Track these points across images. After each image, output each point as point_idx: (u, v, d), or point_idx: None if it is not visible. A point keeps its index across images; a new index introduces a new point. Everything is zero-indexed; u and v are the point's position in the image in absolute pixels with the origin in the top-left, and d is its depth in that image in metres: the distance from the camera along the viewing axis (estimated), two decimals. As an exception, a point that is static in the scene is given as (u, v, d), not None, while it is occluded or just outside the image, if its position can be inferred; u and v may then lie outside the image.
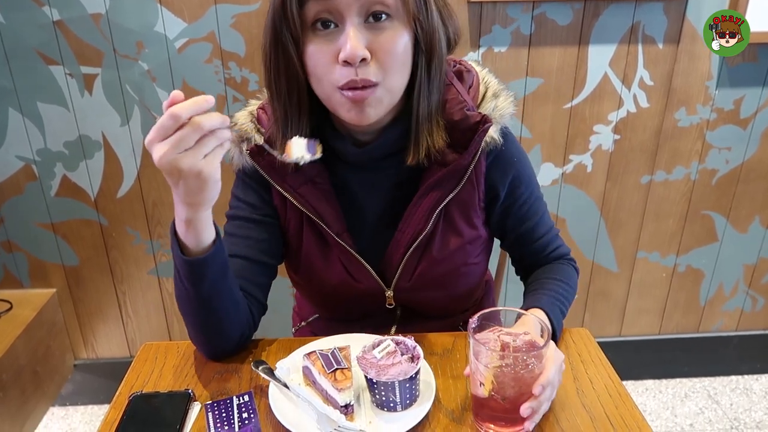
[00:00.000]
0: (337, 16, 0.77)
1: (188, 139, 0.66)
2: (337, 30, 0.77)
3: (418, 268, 0.94)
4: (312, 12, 0.77)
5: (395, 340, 0.80)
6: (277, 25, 0.79)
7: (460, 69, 0.92)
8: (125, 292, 1.87)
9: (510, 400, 0.73)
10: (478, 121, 0.85)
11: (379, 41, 0.78)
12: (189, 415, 0.79)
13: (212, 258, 0.79)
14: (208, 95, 0.68)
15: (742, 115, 1.74)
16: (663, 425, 1.90)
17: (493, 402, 0.73)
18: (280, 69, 0.82)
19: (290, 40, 0.79)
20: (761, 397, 2.01)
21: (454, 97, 0.87)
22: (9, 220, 1.75)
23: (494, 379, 0.72)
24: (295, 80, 0.82)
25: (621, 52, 1.64)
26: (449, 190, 0.89)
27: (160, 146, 0.67)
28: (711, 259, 1.94)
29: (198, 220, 0.76)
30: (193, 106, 0.66)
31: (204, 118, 0.67)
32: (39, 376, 1.76)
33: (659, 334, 2.05)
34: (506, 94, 0.92)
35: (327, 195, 0.91)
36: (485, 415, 0.76)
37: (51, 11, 1.51)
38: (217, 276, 0.81)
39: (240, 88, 1.62)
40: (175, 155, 0.67)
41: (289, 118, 0.85)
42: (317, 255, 0.96)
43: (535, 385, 0.72)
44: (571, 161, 1.77)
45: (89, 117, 1.63)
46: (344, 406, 0.76)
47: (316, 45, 0.78)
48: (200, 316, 0.85)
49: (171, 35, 1.55)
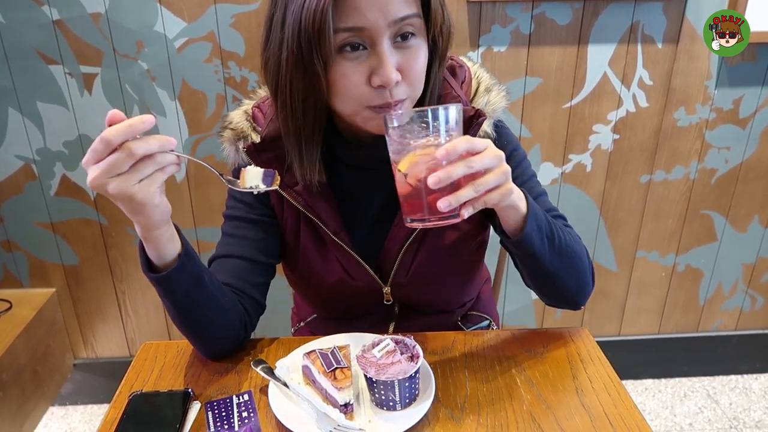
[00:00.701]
0: (367, 41, 0.76)
1: (120, 164, 0.63)
2: (366, 52, 0.76)
3: (415, 263, 0.95)
4: (341, 37, 0.75)
5: (395, 339, 0.81)
6: (304, 51, 0.75)
7: (453, 64, 0.93)
8: (125, 291, 1.87)
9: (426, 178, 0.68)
10: (472, 116, 0.86)
11: (408, 60, 0.78)
12: (189, 414, 0.79)
13: (176, 273, 0.78)
14: (146, 115, 0.64)
15: (742, 114, 1.74)
16: (662, 425, 1.90)
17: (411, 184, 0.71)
18: (299, 91, 0.79)
19: (320, 64, 0.76)
20: (760, 397, 2.01)
21: (448, 92, 0.88)
22: (9, 219, 1.75)
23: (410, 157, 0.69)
24: (312, 99, 0.80)
25: (620, 51, 1.64)
26: None
27: (92, 169, 0.64)
28: (710, 258, 1.95)
29: (154, 237, 0.75)
30: (127, 130, 0.63)
31: (138, 144, 0.63)
32: (39, 376, 1.76)
33: (658, 334, 2.05)
34: (498, 89, 0.92)
35: (323, 193, 0.91)
36: (410, 206, 0.73)
37: (50, 11, 1.51)
38: (188, 287, 0.80)
39: (239, 88, 1.62)
40: (106, 179, 0.64)
41: (302, 135, 0.83)
42: (314, 254, 0.96)
43: (438, 150, 0.67)
44: (570, 161, 1.77)
45: (89, 116, 1.63)
46: (344, 405, 0.76)
47: (346, 67, 0.76)
48: (184, 323, 0.86)
49: (170, 35, 1.55)
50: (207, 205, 1.74)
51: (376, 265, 0.96)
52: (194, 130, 1.66)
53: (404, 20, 0.75)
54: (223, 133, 0.93)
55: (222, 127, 0.94)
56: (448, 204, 0.68)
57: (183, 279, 0.79)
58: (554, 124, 1.72)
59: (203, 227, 1.77)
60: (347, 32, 0.74)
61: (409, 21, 0.76)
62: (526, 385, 0.84)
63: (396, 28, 0.76)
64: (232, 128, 0.92)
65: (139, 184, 0.66)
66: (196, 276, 0.81)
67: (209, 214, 1.75)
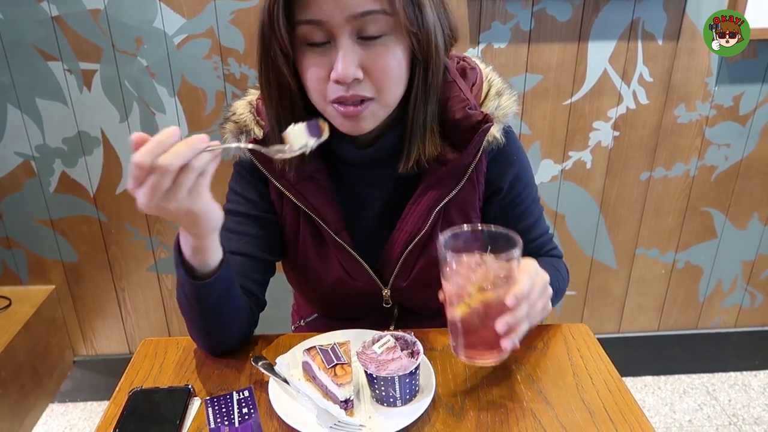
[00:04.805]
0: (329, 35, 0.75)
1: (161, 183, 0.62)
2: (330, 46, 0.75)
3: (416, 267, 0.94)
4: (303, 30, 0.75)
5: (395, 336, 0.80)
6: (267, 40, 0.77)
7: (464, 66, 0.91)
8: (124, 288, 1.87)
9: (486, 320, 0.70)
10: (480, 120, 0.84)
11: (373, 59, 0.75)
12: (189, 410, 0.79)
13: (217, 281, 0.79)
14: (171, 128, 0.62)
15: (742, 111, 1.74)
16: (662, 421, 1.90)
17: (469, 325, 0.71)
18: (271, 78, 0.81)
19: (280, 54, 0.77)
20: (759, 393, 2.02)
21: (457, 95, 0.86)
22: (8, 216, 1.75)
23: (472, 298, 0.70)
24: (287, 89, 0.81)
25: (621, 48, 1.64)
26: (449, 190, 0.88)
27: (138, 195, 0.63)
28: (710, 255, 1.95)
29: (204, 246, 0.75)
30: (156, 149, 0.61)
31: (170, 159, 0.61)
32: (38, 373, 1.76)
33: (658, 331, 2.06)
34: (509, 93, 0.90)
35: (326, 192, 0.91)
36: (463, 341, 0.74)
37: (49, 7, 1.51)
38: (221, 294, 0.81)
39: (239, 84, 1.62)
40: (155, 201, 0.63)
41: (282, 120, 0.83)
42: (314, 252, 0.95)
43: (509, 296, 0.69)
44: (570, 158, 1.77)
45: (88, 113, 1.63)
46: (344, 401, 0.76)
47: (309, 60, 0.77)
48: (203, 324, 0.85)
49: (170, 31, 1.55)
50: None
51: (376, 267, 0.95)
52: (193, 126, 1.66)
53: (366, 15, 0.73)
54: (226, 125, 0.92)
55: (225, 118, 0.93)
56: (512, 344, 0.71)
57: (220, 286, 0.80)
58: (554, 121, 1.71)
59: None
60: (307, 25, 0.74)
61: (373, 17, 0.73)
62: (527, 381, 0.84)
63: (358, 23, 0.73)
64: (234, 121, 0.91)
65: (189, 196, 0.65)
66: (230, 282, 0.82)
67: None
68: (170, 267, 1.84)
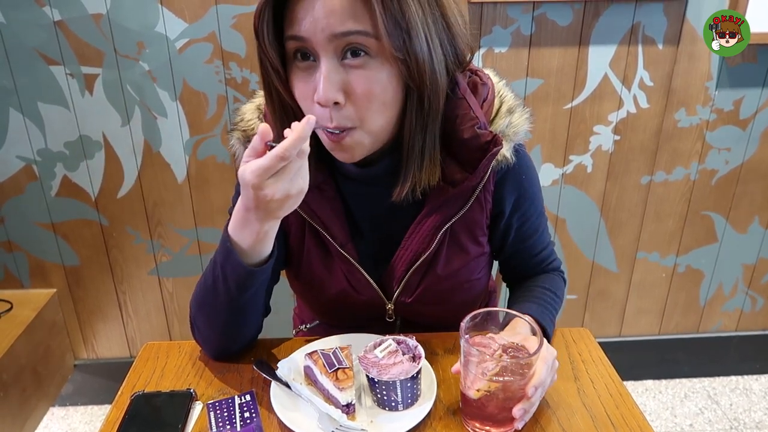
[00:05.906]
0: (313, 52, 0.73)
1: (292, 168, 0.68)
2: (315, 64, 0.73)
3: (421, 285, 0.92)
4: (291, 46, 0.74)
5: (397, 340, 0.81)
6: (260, 55, 0.76)
7: (476, 81, 0.86)
8: (125, 292, 1.87)
9: (501, 402, 0.73)
10: (489, 141, 0.81)
11: (356, 82, 0.72)
12: (191, 414, 0.79)
13: (266, 269, 0.80)
14: (308, 117, 0.67)
15: (742, 115, 1.74)
16: (663, 425, 1.90)
17: (483, 403, 0.73)
18: (270, 90, 0.80)
19: (271, 70, 0.76)
20: (761, 398, 2.01)
21: (466, 113, 0.81)
22: (9, 220, 1.75)
23: (488, 385, 0.72)
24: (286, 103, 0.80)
25: (621, 52, 1.64)
26: (456, 210, 0.86)
27: (270, 184, 0.68)
28: (711, 259, 1.95)
29: (270, 232, 0.76)
30: (298, 142, 0.66)
31: (294, 144, 0.66)
32: (39, 377, 1.76)
33: (659, 335, 2.05)
34: (522, 110, 0.87)
35: (333, 203, 0.89)
36: (474, 415, 0.76)
37: (52, 11, 1.51)
38: (262, 284, 0.83)
39: (241, 89, 1.62)
40: (288, 186, 0.68)
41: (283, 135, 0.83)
42: (318, 263, 0.94)
43: (529, 386, 0.72)
44: (571, 162, 1.77)
45: (90, 117, 1.63)
46: (345, 405, 0.76)
47: (297, 78, 0.76)
48: (229, 320, 0.84)
49: (172, 35, 1.55)
50: (207, 206, 1.74)
51: (380, 282, 0.93)
52: (195, 131, 1.66)
53: (347, 36, 0.70)
54: (233, 134, 0.91)
55: (233, 124, 0.92)
56: (524, 422, 0.75)
57: (265, 276, 0.81)
58: (555, 125, 1.72)
59: (203, 227, 1.77)
60: (293, 41, 0.73)
61: (356, 38, 0.70)
62: (528, 385, 0.84)
63: (340, 43, 0.70)
64: (242, 129, 0.90)
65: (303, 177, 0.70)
66: (269, 275, 0.83)
67: (210, 215, 1.75)
68: (171, 270, 1.84)
